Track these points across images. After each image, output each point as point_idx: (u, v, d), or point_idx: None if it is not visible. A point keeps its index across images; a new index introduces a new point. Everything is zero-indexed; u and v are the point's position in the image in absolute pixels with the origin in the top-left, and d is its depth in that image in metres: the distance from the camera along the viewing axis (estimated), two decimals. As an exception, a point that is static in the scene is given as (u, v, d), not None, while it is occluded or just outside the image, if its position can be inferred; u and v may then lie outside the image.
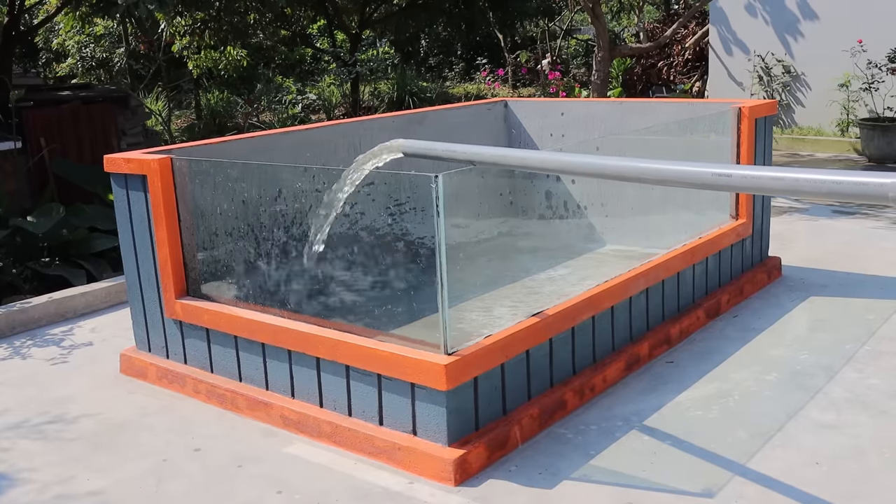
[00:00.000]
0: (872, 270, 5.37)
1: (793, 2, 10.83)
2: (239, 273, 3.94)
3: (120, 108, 9.09)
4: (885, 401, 3.59)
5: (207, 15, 11.79)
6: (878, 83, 9.90)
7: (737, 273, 5.03)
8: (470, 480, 3.12)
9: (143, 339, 4.28)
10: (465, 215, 4.27)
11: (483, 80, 16.42)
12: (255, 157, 4.43)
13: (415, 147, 3.62)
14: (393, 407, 3.31)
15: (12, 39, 8.45)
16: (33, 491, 3.22)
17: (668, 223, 5.00)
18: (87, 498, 3.15)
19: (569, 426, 3.50)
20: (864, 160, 9.58)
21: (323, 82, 15.68)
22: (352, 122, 5.08)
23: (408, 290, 3.37)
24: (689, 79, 13.73)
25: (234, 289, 3.96)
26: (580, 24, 18.69)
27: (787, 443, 3.28)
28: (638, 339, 4.15)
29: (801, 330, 4.44)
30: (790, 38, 10.95)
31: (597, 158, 2.92)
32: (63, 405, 3.98)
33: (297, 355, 3.59)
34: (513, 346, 3.38)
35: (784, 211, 7.12)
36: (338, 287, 3.62)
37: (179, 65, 14.34)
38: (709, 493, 2.96)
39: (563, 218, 4.81)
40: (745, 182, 2.45)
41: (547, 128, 5.86)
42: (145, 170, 3.90)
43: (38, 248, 6.21)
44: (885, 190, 2.10)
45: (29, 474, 3.34)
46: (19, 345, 4.82)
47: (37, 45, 15.88)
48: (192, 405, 3.91)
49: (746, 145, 4.87)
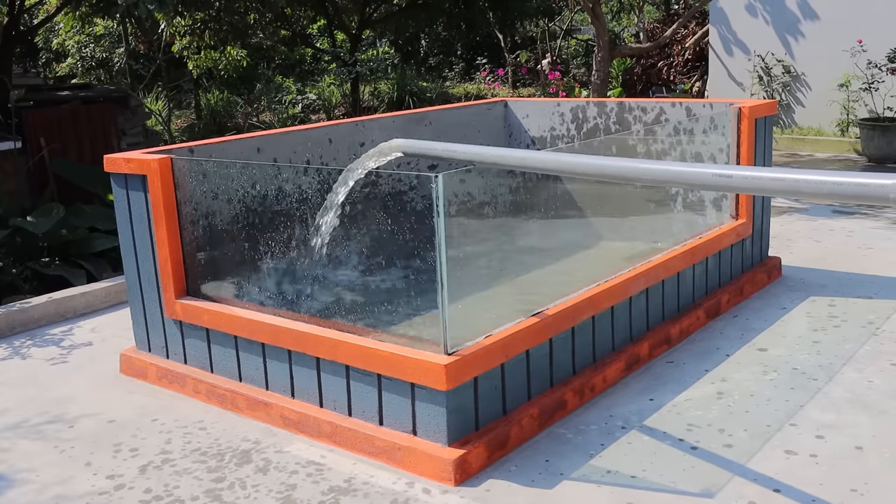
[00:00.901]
0: (872, 270, 5.37)
1: (793, 2, 10.83)
2: (239, 273, 3.94)
3: (120, 108, 9.10)
4: (885, 401, 3.59)
5: (207, 15, 11.79)
6: (878, 83, 9.90)
7: (737, 273, 5.03)
8: (470, 480, 3.12)
9: (143, 339, 4.28)
10: (466, 215, 4.27)
11: (483, 80, 16.43)
12: (255, 157, 4.43)
13: (415, 147, 3.62)
14: (393, 407, 3.31)
15: (12, 39, 8.45)
16: (32, 491, 3.21)
17: (667, 221, 5.00)
18: (85, 498, 3.15)
19: (569, 426, 3.50)
20: (864, 160, 9.58)
21: (323, 82, 15.68)
22: (352, 122, 5.08)
23: (408, 290, 3.37)
24: (689, 79, 13.73)
25: (234, 289, 3.95)
26: (580, 24, 18.70)
27: (787, 443, 3.28)
28: (638, 339, 4.15)
29: (801, 330, 4.44)
30: (790, 38, 10.95)
31: (597, 159, 2.92)
32: (63, 405, 3.98)
33: (296, 355, 3.59)
34: (513, 346, 3.38)
35: (784, 211, 7.12)
36: (337, 287, 3.62)
37: (179, 65, 14.34)
38: (709, 494, 2.96)
39: (564, 217, 4.80)
40: (745, 183, 2.45)
41: (547, 128, 5.86)
42: (145, 170, 3.90)
43: (37, 247, 6.22)
44: (886, 191, 2.10)
45: (27, 475, 3.34)
46: (19, 345, 4.82)
47: (37, 45, 15.89)
48: (192, 405, 3.91)
49: (746, 145, 4.87)
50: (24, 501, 3.15)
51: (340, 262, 3.60)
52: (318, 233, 3.63)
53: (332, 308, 3.58)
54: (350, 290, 3.59)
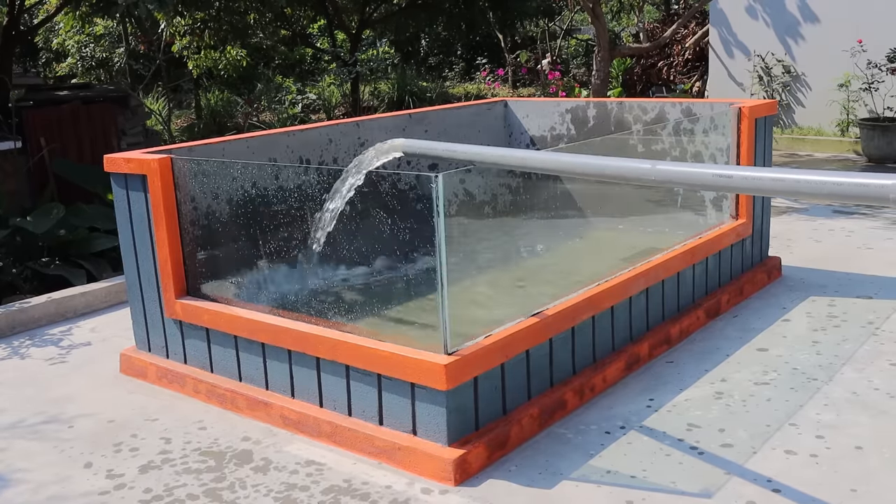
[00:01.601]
0: (872, 270, 5.37)
1: (793, 2, 10.83)
2: (239, 273, 3.94)
3: (120, 108, 9.10)
4: (885, 401, 3.59)
5: (207, 15, 11.79)
6: (878, 83, 9.90)
7: (737, 273, 5.03)
8: (470, 480, 3.12)
9: (142, 338, 4.27)
10: (466, 214, 4.27)
11: (483, 80, 16.43)
12: (255, 156, 4.43)
13: (415, 147, 3.62)
14: (393, 407, 3.31)
15: (12, 39, 8.45)
16: (29, 491, 3.21)
17: (667, 221, 5.00)
18: (85, 498, 3.15)
19: (569, 426, 3.50)
20: (863, 160, 9.58)
21: (323, 82, 15.69)
22: (352, 122, 5.08)
23: (408, 290, 3.37)
24: (689, 79, 13.73)
25: (234, 288, 3.95)
26: (580, 24, 18.70)
27: (787, 443, 3.28)
28: (638, 339, 4.15)
29: (801, 330, 4.44)
30: (790, 38, 10.95)
31: (597, 159, 2.92)
32: (62, 405, 3.98)
33: (296, 355, 3.59)
34: (513, 346, 3.38)
35: (784, 211, 7.12)
36: (337, 287, 3.62)
37: (179, 65, 14.33)
38: (708, 494, 2.96)
39: (564, 217, 4.80)
40: (745, 183, 2.45)
41: (547, 128, 5.86)
42: (145, 170, 3.90)
43: (37, 247, 6.22)
44: (886, 191, 2.10)
45: (26, 474, 3.34)
46: (19, 345, 4.82)
47: (37, 44, 15.88)
48: (192, 405, 3.91)
49: (746, 145, 4.87)
50: (22, 501, 3.15)
51: (340, 262, 3.60)
52: (319, 232, 3.63)
53: (332, 308, 3.58)
54: (350, 290, 3.59)
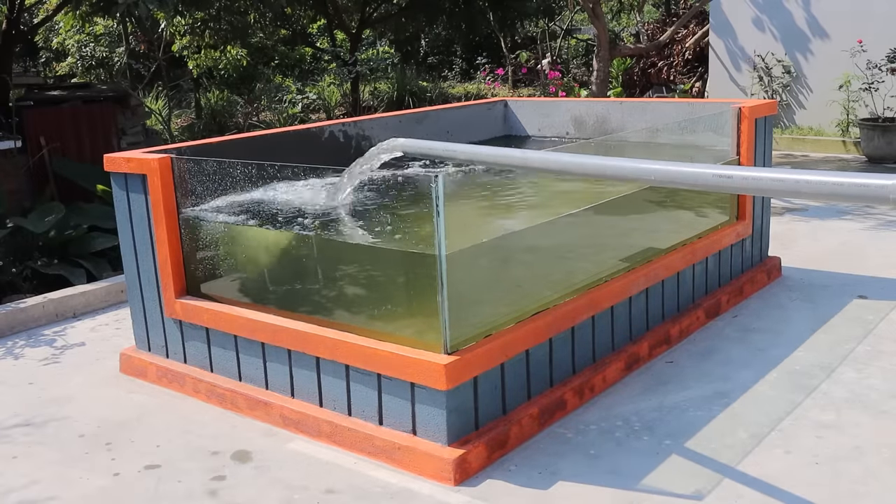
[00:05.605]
0: (872, 270, 5.37)
1: (793, 2, 10.83)
2: (239, 272, 3.94)
3: (120, 107, 9.10)
4: (885, 401, 3.60)
5: (207, 14, 11.79)
6: (878, 83, 9.90)
7: (737, 273, 5.03)
8: (469, 480, 3.12)
9: (142, 338, 4.27)
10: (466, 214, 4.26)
11: (483, 79, 16.42)
12: (255, 156, 4.43)
13: (414, 147, 3.63)
14: (393, 407, 3.31)
15: (12, 39, 8.45)
16: (30, 490, 3.21)
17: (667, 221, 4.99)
18: (85, 497, 3.15)
19: (569, 426, 3.50)
20: (864, 160, 9.58)
21: (323, 82, 15.69)
22: (352, 122, 5.08)
23: (408, 290, 3.37)
24: (689, 79, 13.73)
25: (234, 288, 3.95)
26: (580, 24, 18.70)
27: (786, 443, 3.29)
28: (638, 338, 4.15)
29: (800, 330, 4.44)
30: (790, 38, 10.95)
31: (597, 159, 2.92)
32: (62, 404, 3.98)
33: (296, 355, 3.59)
34: (513, 346, 3.38)
35: (784, 211, 7.13)
36: (337, 287, 3.62)
37: (179, 64, 14.34)
38: (708, 494, 2.96)
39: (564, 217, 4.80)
40: (746, 183, 2.45)
41: (547, 128, 5.86)
42: (145, 169, 3.90)
43: (37, 247, 6.22)
44: (886, 191, 2.10)
45: (26, 474, 3.34)
46: (18, 344, 4.82)
47: (37, 44, 15.87)
48: (191, 404, 3.91)
49: (746, 145, 4.87)
50: (22, 500, 3.15)
51: (339, 262, 3.60)
52: (319, 232, 3.63)
53: (332, 307, 3.58)
54: (349, 290, 3.59)
